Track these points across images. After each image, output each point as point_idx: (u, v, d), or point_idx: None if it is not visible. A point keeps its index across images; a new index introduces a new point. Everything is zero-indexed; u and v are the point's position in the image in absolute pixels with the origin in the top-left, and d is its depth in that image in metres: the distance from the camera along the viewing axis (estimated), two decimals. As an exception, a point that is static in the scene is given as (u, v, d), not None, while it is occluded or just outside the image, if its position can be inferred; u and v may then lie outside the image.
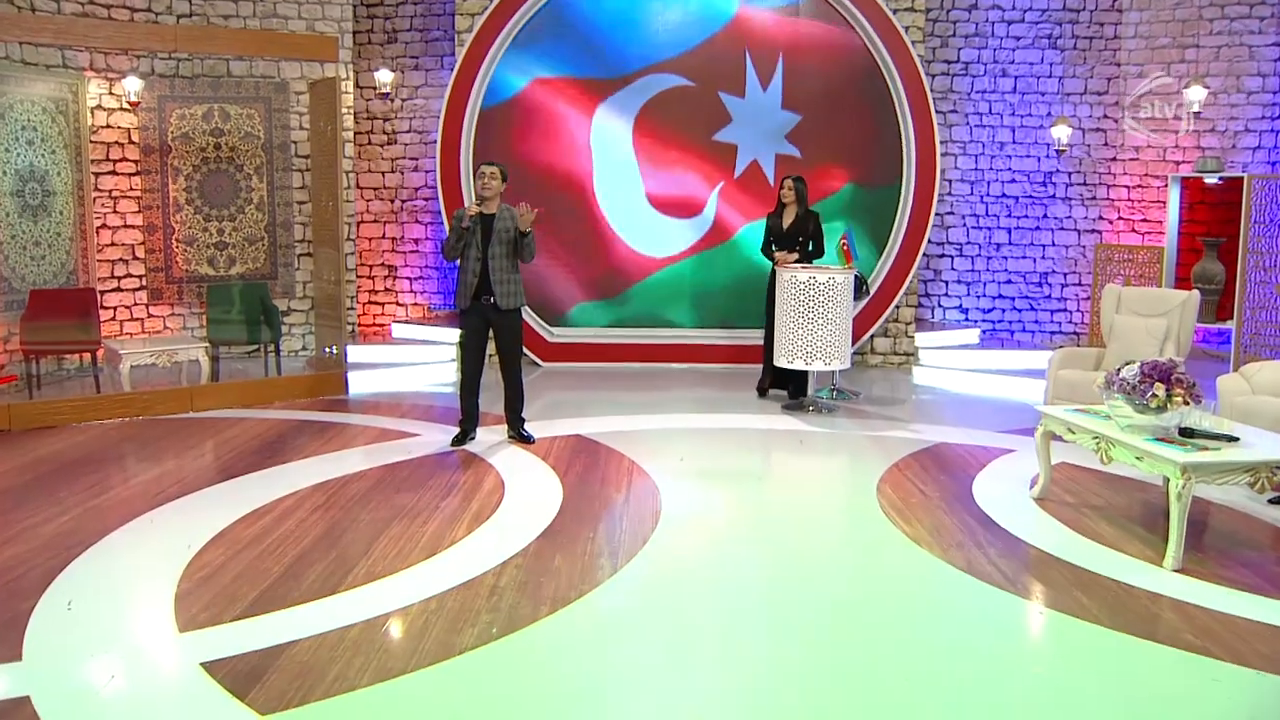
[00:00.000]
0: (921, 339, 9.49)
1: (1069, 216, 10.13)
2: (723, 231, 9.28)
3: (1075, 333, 10.22)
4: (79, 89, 8.59)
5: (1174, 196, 9.61)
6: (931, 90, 9.48)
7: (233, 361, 9.01)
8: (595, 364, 9.41)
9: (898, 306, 9.39)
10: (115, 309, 9.00)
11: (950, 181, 10.16)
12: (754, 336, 8.81)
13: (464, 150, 9.21)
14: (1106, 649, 3.61)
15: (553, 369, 9.33)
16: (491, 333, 6.28)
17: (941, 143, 9.62)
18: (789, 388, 7.81)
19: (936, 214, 9.67)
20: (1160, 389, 4.59)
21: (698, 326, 9.44)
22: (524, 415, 6.53)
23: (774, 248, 7.74)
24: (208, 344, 7.98)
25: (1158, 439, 4.64)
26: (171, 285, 9.24)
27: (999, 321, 10.31)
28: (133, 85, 8.86)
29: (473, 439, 6.42)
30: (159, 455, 6.13)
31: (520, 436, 6.44)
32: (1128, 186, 9.93)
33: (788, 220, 7.71)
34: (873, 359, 9.51)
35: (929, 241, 9.58)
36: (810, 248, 7.66)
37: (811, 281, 7.16)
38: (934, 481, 5.63)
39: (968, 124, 10.09)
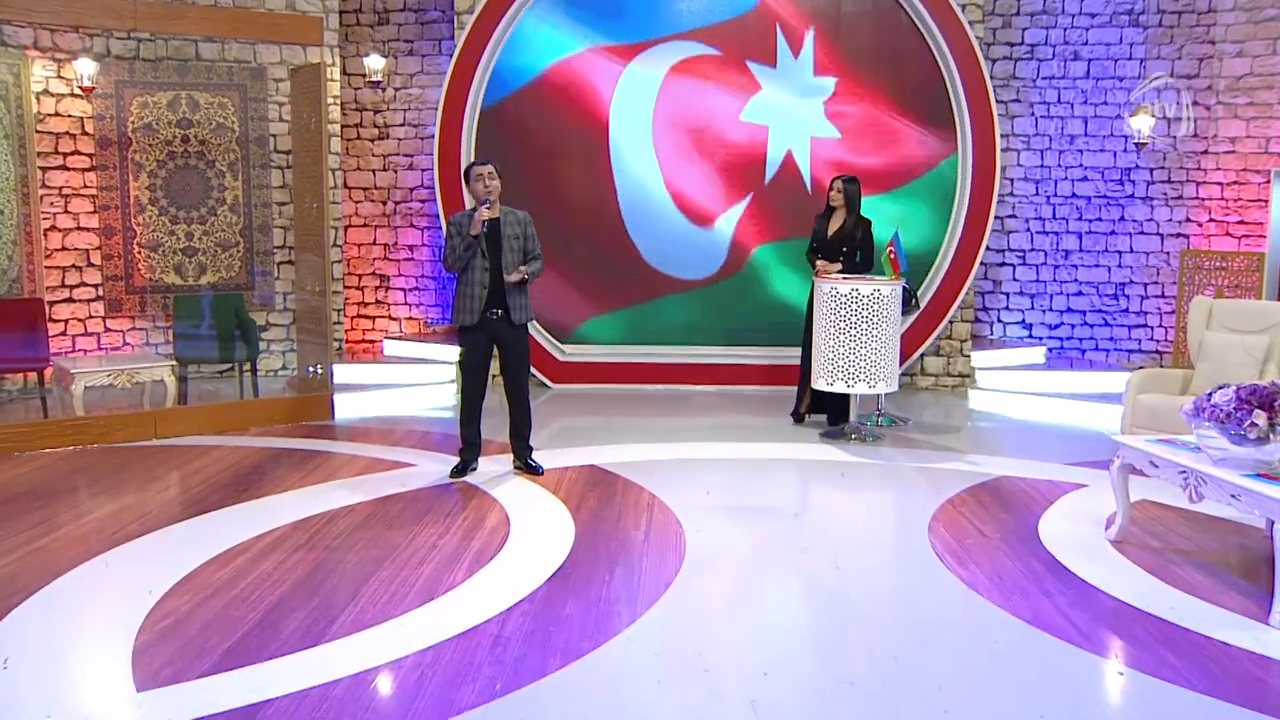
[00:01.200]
0: (978, 358, 9.46)
1: (1150, 219, 10.06)
2: (745, 248, 9.37)
3: (1157, 351, 10.14)
4: (22, 71, 8.55)
5: (1277, 195, 9.45)
6: (991, 77, 9.47)
7: (203, 382, 9.06)
8: (611, 385, 9.45)
9: (951, 322, 9.37)
10: (66, 322, 8.98)
11: (1012, 181, 10.13)
12: (790, 355, 8.82)
13: (465, 146, 9.29)
14: (1200, 719, 3.55)
15: (564, 391, 9.36)
16: (497, 351, 6.29)
17: (1002, 136, 9.62)
18: (828, 413, 7.80)
19: (996, 217, 9.64)
20: (1261, 417, 4.50)
21: (727, 344, 9.45)
22: (532, 443, 6.53)
23: (821, 256, 7.75)
24: (174, 363, 8.02)
25: (1257, 475, 4.55)
26: (132, 296, 9.21)
27: (1068, 339, 10.25)
28: (86, 68, 8.67)
29: (474, 470, 6.43)
30: (117, 488, 6.15)
31: (528, 467, 6.44)
32: (1220, 184, 9.84)
33: (833, 226, 7.72)
34: (923, 381, 9.48)
35: (987, 249, 9.55)
36: (858, 258, 7.67)
37: (853, 294, 7.15)
38: (994, 520, 5.59)
39: (1033, 115, 10.07)
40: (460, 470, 6.36)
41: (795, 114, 9.24)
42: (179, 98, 9.22)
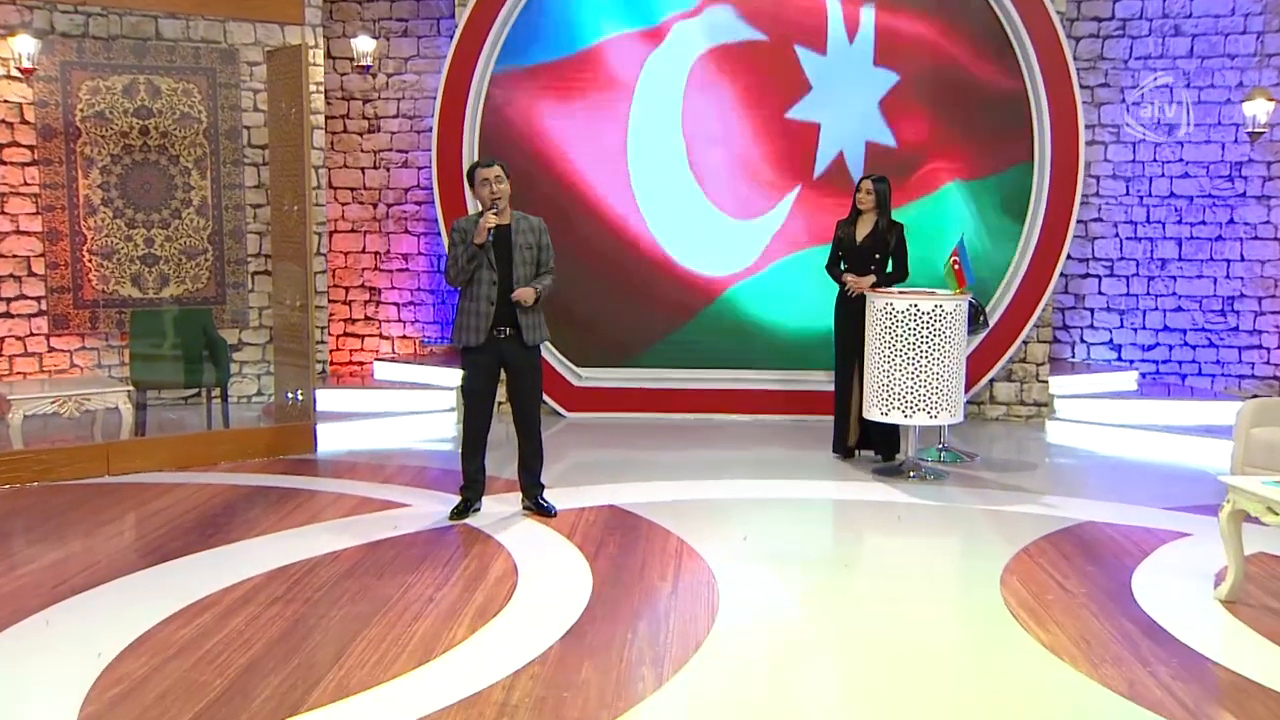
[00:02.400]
0: (1058, 384, 9.41)
1: (1266, 222, 9.94)
2: (795, 246, 9.36)
3: (1274, 377, 10.03)
4: (-55, 47, 8.56)
5: None
6: (1075, 58, 9.43)
7: (164, 410, 9.10)
8: (634, 415, 9.46)
9: (1025, 343, 9.33)
10: (3, 341, 8.96)
11: (1098, 178, 10.08)
12: (820, 379, 8.86)
13: (468, 141, 9.35)
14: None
15: (580, 421, 9.36)
16: (504, 375, 6.30)
17: (1087, 127, 9.58)
18: (882, 447, 7.78)
19: (1079, 220, 9.58)
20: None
21: (766, 366, 9.46)
22: (543, 480, 6.53)
23: (843, 267, 7.76)
24: (130, 388, 8.05)
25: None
26: (82, 311, 9.17)
27: (1164, 361, 10.17)
28: (24, 46, 8.54)
29: (477, 510, 6.43)
30: (62, 533, 6.15)
31: (538, 508, 6.44)
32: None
33: (862, 231, 7.72)
34: (992, 410, 9.44)
35: (1068, 257, 9.49)
36: (891, 268, 7.67)
37: (913, 311, 7.14)
38: (1079, 573, 5.54)
39: (1123, 101, 10.01)
40: (461, 511, 6.36)
41: (850, 110, 9.26)
42: (136, 83, 9.22)
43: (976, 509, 6.70)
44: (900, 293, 7.31)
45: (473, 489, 6.42)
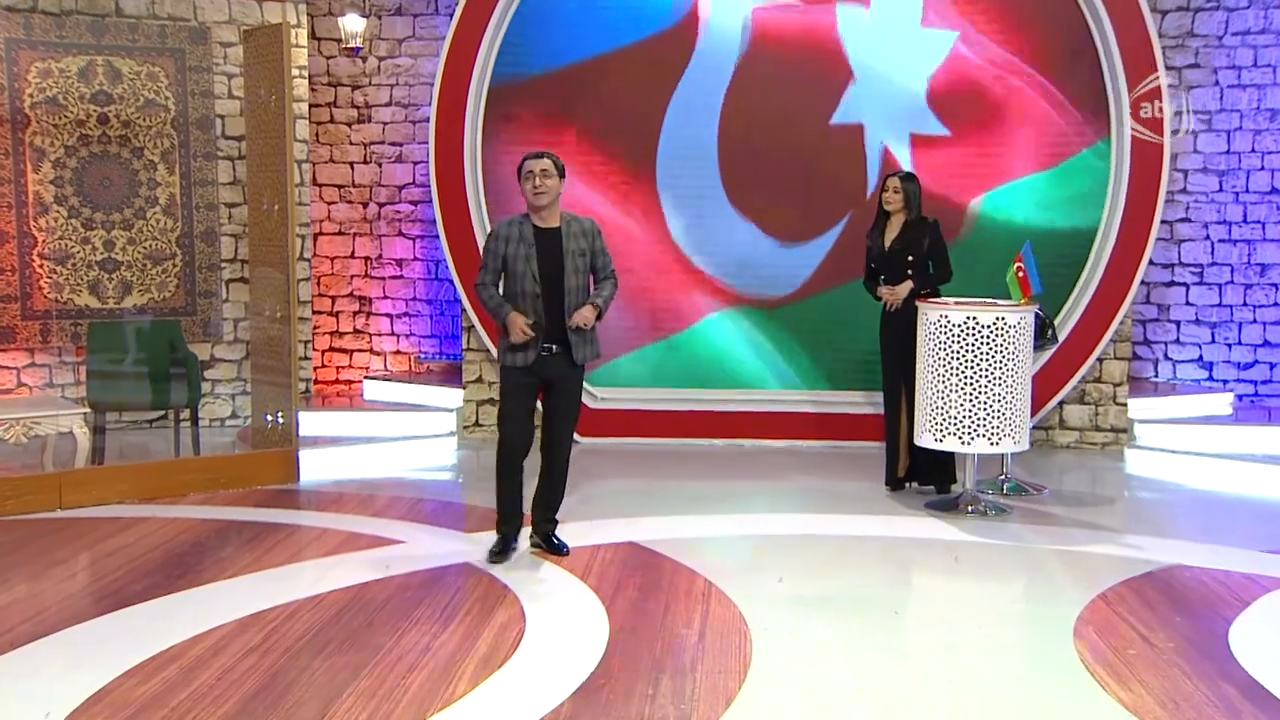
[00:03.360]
0: (1139, 408, 9.37)
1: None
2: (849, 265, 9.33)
3: (1394, 400, 9.96)
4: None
5: None
6: (1160, 34, 9.39)
7: (126, 435, 9.12)
8: (656, 440, 9.47)
9: (1101, 360, 9.28)
10: (-60, 356, 8.99)
11: (1185, 173, 10.02)
12: (868, 401, 8.89)
13: (469, 132, 9.37)
14: None
15: (596, 447, 9.37)
16: (545, 395, 6.30)
17: (1175, 114, 9.52)
18: (937, 478, 7.76)
19: (1163, 221, 9.53)
20: None
21: (805, 387, 9.48)
22: (558, 516, 6.52)
23: (880, 278, 7.77)
24: (87, 410, 8.07)
25: None
26: (30, 322, 9.16)
27: (1264, 382, 10.10)
28: None
29: (516, 550, 6.39)
30: (5, 575, 6.14)
31: (548, 545, 6.43)
32: None
33: (891, 235, 7.74)
34: (1063, 437, 9.41)
35: (1150, 262, 9.44)
36: (928, 270, 7.67)
37: (970, 325, 7.11)
38: (1165, 624, 5.49)
39: (1217, 84, 9.95)
40: (501, 551, 6.31)
41: (894, 103, 9.27)
42: (94, 65, 9.21)
43: (1045, 549, 6.65)
44: (957, 304, 7.29)
45: (511, 524, 6.37)
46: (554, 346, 6.12)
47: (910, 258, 7.63)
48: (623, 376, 9.56)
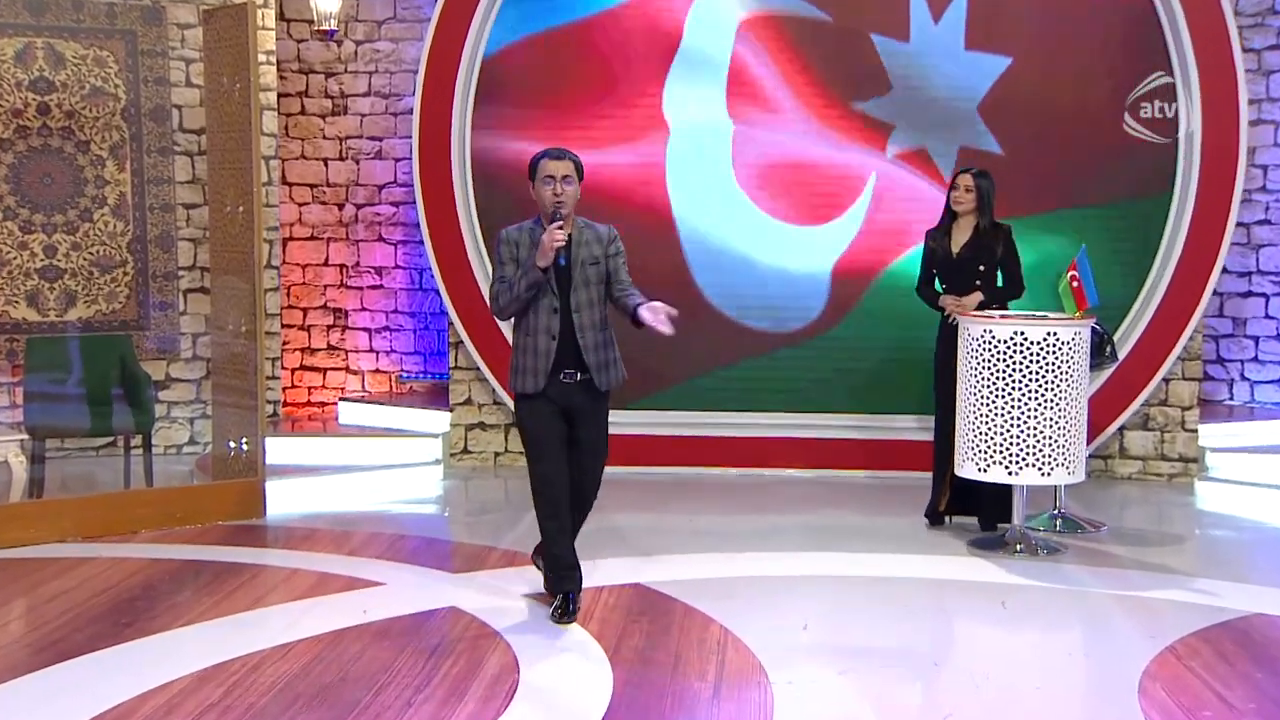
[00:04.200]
0: (1211, 435, 9.35)
1: None
2: (872, 258, 9.40)
3: None
4: None
5: None
6: (1237, 13, 9.34)
7: (68, 464, 9.09)
8: (666, 469, 9.48)
9: (1167, 380, 9.26)
10: None
11: (1264, 169, 9.98)
12: (921, 428, 8.80)
13: (459, 125, 9.39)
14: None
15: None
16: (570, 426, 6.07)
17: (1252, 103, 9.50)
18: (981, 513, 7.75)
19: (1239, 223, 9.49)
20: None
21: (829, 410, 9.47)
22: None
23: (939, 286, 7.74)
24: (24, 437, 8.08)
25: None
26: (-43, 336, 9.14)
27: (1358, 407, 10.05)
28: None
29: (577, 609, 6.08)
30: (-66, 622, 6.15)
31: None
32: None
33: (960, 239, 7.71)
34: (1124, 467, 9.39)
35: (1224, 270, 9.43)
36: (1000, 283, 7.66)
37: (1018, 340, 7.10)
38: (1244, 681, 5.45)
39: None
40: (564, 610, 6.02)
41: (938, 112, 9.31)
42: (32, 47, 9.17)
43: (1104, 594, 6.63)
44: (1003, 317, 7.27)
45: (567, 574, 6.07)
46: (575, 372, 5.95)
47: (981, 267, 7.61)
48: (627, 396, 9.52)
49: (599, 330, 6.00)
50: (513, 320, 6.08)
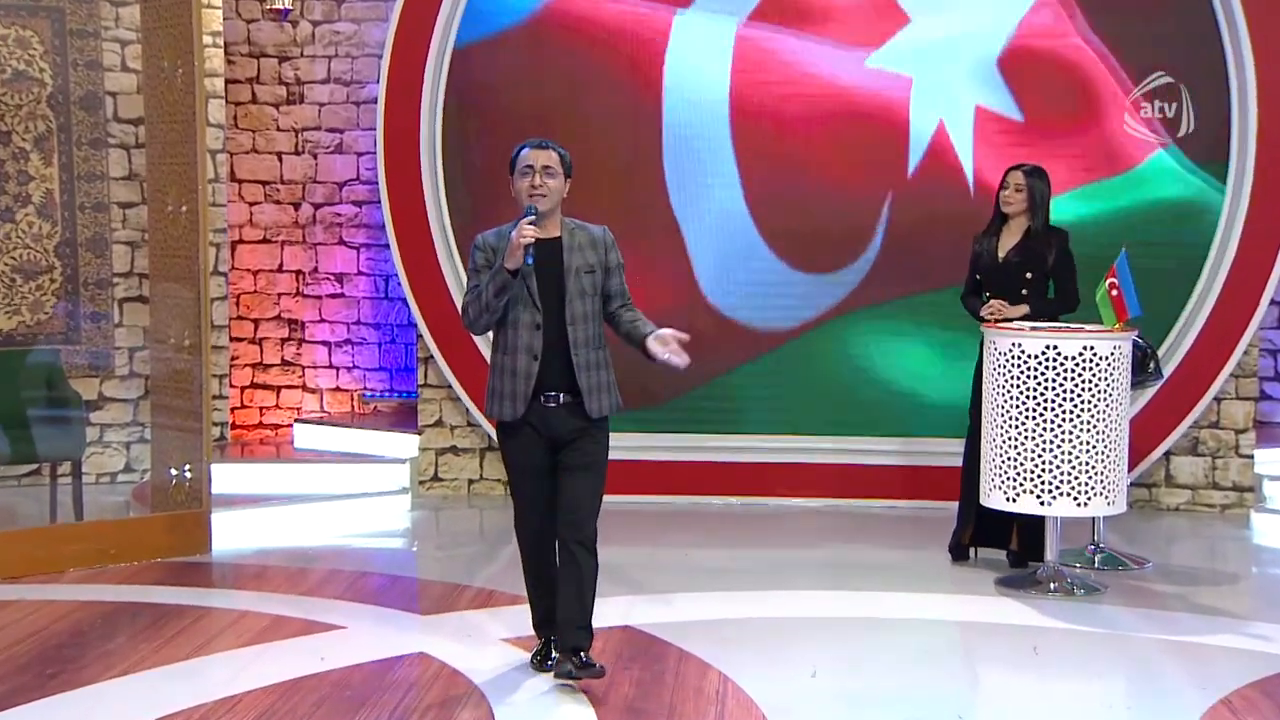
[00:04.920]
0: (1268, 460, 9.35)
1: None
2: (900, 275, 9.45)
3: None
4: None
5: None
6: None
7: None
8: (660, 498, 9.50)
9: (1219, 399, 9.26)
10: None
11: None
12: (945, 451, 8.83)
13: (428, 116, 9.41)
14: None
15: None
16: (557, 459, 5.90)
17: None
18: (1010, 547, 7.77)
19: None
20: None
21: (840, 433, 9.50)
22: (590, 622, 5.94)
23: (986, 296, 7.73)
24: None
25: None
26: None
27: None
28: None
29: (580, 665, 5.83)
30: None
31: (579, 667, 5.78)
32: None
33: (1008, 243, 7.71)
34: (1170, 496, 9.39)
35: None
36: (1050, 292, 7.67)
37: (1051, 355, 7.10)
38: (1306, 736, 5.45)
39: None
40: (544, 656, 5.98)
41: (956, 63, 9.33)
42: (-59, 26, 9.24)
43: (1148, 639, 6.60)
44: (1034, 329, 7.27)
45: (551, 619, 5.92)
46: (558, 395, 5.78)
47: (1029, 275, 7.60)
48: (617, 418, 9.50)
49: (594, 348, 5.79)
50: (491, 336, 5.92)
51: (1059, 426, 7.09)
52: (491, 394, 5.83)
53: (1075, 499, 7.12)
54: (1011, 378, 7.19)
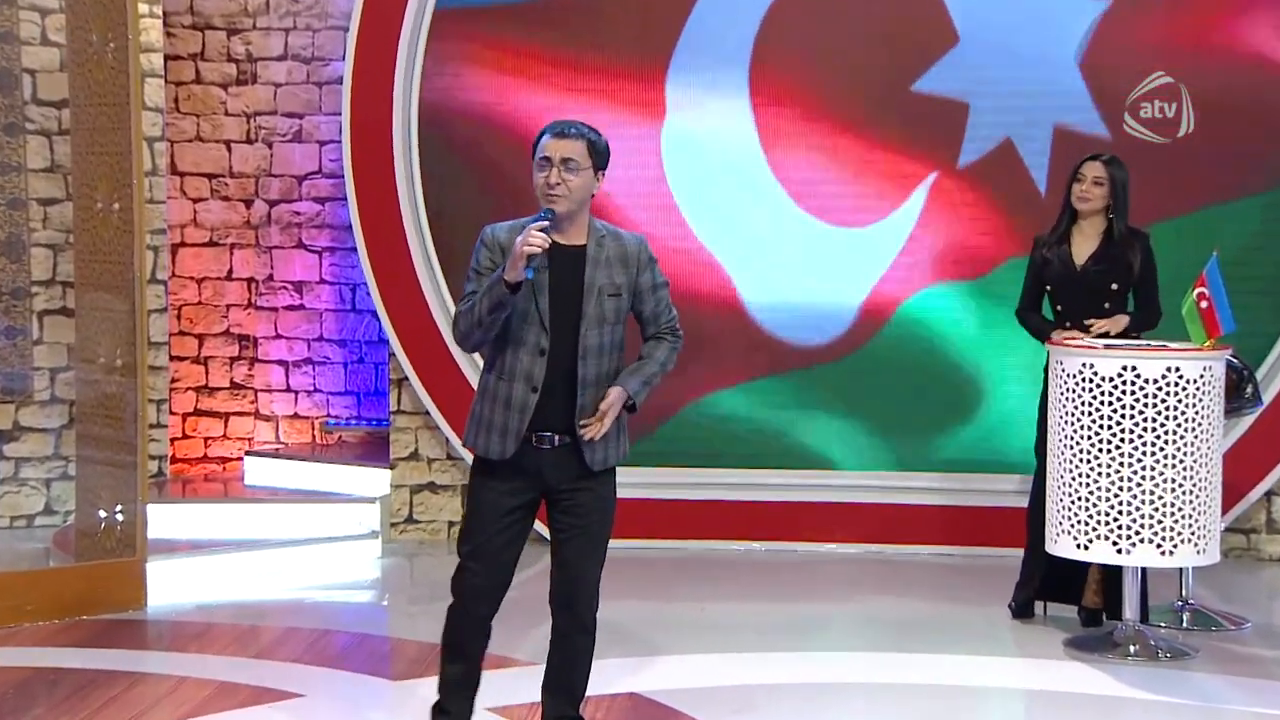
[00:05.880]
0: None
1: None
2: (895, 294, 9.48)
3: None
4: None
5: None
6: None
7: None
8: (674, 543, 9.52)
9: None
10: None
11: None
12: (1006, 489, 8.85)
13: (403, 98, 9.38)
14: None
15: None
16: (548, 514, 5.72)
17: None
18: (1080, 600, 7.76)
19: None
20: None
21: (884, 467, 9.51)
22: (580, 711, 5.92)
23: (1057, 311, 7.74)
24: None
25: None
26: None
27: None
28: None
29: None
30: None
31: None
32: None
33: (1084, 248, 7.68)
34: (1272, 544, 9.38)
35: None
36: (1133, 306, 7.66)
37: (1129, 378, 7.06)
38: None
39: None
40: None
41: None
42: None
43: (1246, 712, 6.58)
44: (1108, 347, 7.23)
45: (459, 695, 5.80)
46: (555, 436, 5.53)
47: (1114, 286, 7.56)
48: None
49: (605, 379, 5.51)
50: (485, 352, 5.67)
51: (1138, 461, 7.06)
52: (477, 422, 5.54)
53: (1158, 546, 7.07)
54: (1082, 404, 7.16)
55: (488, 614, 5.61)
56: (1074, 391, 7.19)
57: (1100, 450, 7.10)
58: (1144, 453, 7.04)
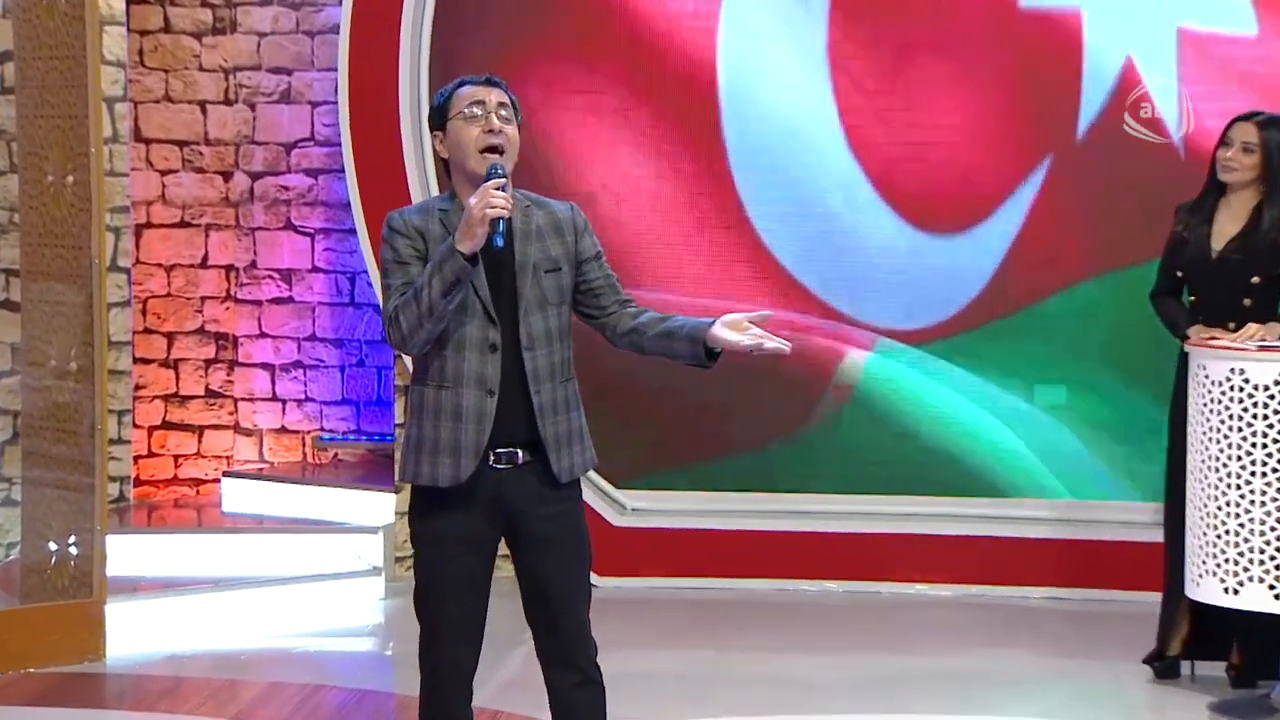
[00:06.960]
0: None
1: None
2: (1044, 273, 9.48)
3: None
4: None
5: None
6: None
7: None
8: (718, 581, 9.50)
9: None
10: None
11: None
12: (1137, 520, 8.82)
13: (410, 51, 9.37)
14: None
15: (622, 594, 9.38)
16: (511, 545, 5.64)
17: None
18: (1234, 657, 7.66)
19: None
20: None
21: (982, 493, 9.44)
22: None
23: (1191, 307, 7.68)
24: None
25: None
26: None
27: None
28: None
29: None
30: None
31: None
32: None
33: (1228, 227, 7.58)
34: None
35: None
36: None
37: (1283, 386, 7.03)
38: None
39: None
40: None
41: None
42: None
43: None
44: (1261, 348, 7.14)
45: None
46: (517, 451, 5.45)
47: (1255, 279, 7.46)
48: (654, 464, 9.69)
49: (560, 381, 5.47)
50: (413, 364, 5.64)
51: (1302, 488, 6.99)
52: (415, 447, 5.43)
53: (1331, 593, 7.04)
54: (1230, 417, 7.07)
55: (464, 685, 5.55)
56: (1220, 402, 7.11)
57: (1254, 474, 7.01)
58: (1308, 477, 7.01)
